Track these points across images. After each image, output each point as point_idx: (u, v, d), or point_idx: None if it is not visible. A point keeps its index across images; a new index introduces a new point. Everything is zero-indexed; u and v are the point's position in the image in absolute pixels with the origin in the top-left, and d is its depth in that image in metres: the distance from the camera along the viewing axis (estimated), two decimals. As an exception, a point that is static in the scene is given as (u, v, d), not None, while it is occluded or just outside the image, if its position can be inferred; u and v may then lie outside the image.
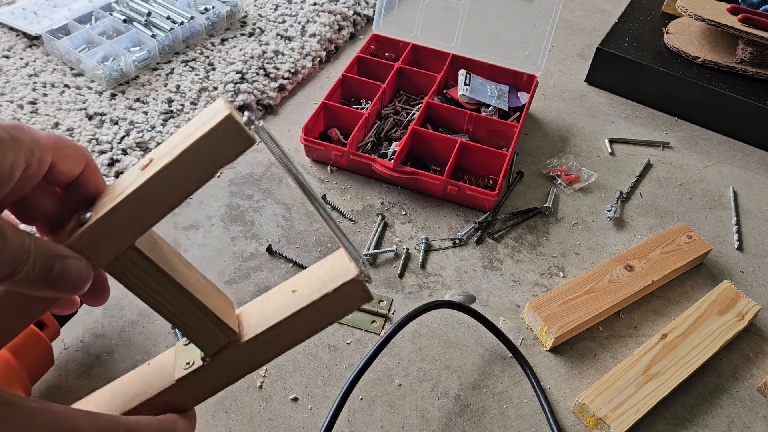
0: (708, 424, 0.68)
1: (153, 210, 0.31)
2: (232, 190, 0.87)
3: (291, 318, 0.36)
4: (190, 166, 0.30)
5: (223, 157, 0.30)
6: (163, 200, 0.31)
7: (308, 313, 0.36)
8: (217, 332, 0.35)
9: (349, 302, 0.36)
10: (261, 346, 0.37)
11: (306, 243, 0.81)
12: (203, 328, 0.35)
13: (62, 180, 0.32)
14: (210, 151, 0.30)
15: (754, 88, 1.04)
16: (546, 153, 0.99)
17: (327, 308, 0.36)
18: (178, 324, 0.35)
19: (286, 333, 0.36)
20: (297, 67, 1.08)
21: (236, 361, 0.37)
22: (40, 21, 1.09)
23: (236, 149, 0.30)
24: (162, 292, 0.33)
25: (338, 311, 0.36)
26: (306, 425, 0.64)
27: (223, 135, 0.29)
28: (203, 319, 0.35)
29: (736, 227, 0.90)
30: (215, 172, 0.31)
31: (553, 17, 0.98)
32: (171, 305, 0.34)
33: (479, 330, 0.73)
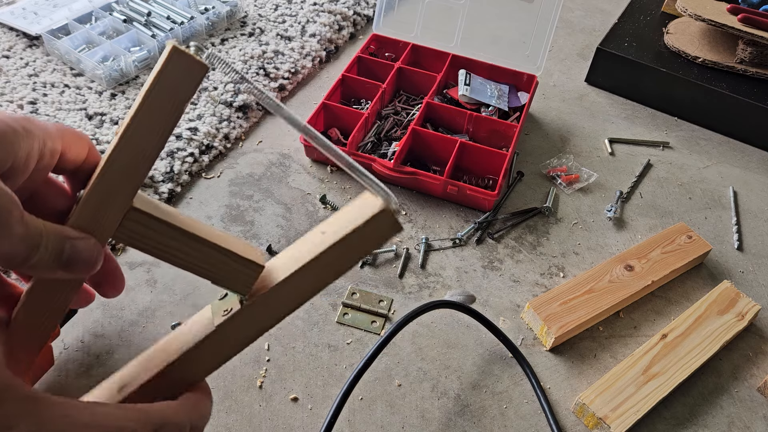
0: (708, 424, 0.68)
1: (136, 164, 0.32)
2: (232, 190, 0.87)
3: (326, 253, 0.35)
4: (158, 112, 0.31)
5: (184, 91, 0.31)
6: (142, 152, 0.31)
7: (341, 248, 0.36)
8: (242, 270, 0.35)
9: (379, 234, 0.36)
10: (297, 285, 0.36)
11: (306, 243, 0.81)
12: (228, 269, 0.35)
13: (69, 167, 0.33)
14: (170, 86, 0.31)
15: (754, 88, 1.04)
16: (546, 153, 0.99)
17: (359, 242, 0.36)
18: (204, 272, 0.34)
19: (322, 269, 0.36)
20: (297, 67, 1.08)
21: (274, 301, 0.36)
22: (40, 21, 1.09)
23: (192, 79, 0.32)
24: (176, 245, 0.33)
25: (370, 244, 0.36)
26: (306, 425, 0.64)
27: (178, 68, 0.31)
28: (224, 260, 0.34)
29: (736, 227, 0.90)
30: (181, 107, 0.32)
31: (553, 17, 0.98)
32: (189, 255, 0.34)
33: (479, 330, 0.73)
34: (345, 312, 0.74)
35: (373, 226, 0.35)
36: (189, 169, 0.88)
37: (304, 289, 0.36)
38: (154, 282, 0.75)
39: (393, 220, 0.35)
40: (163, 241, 0.33)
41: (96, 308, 0.71)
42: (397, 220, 0.36)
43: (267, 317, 0.36)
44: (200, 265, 0.34)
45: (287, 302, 0.36)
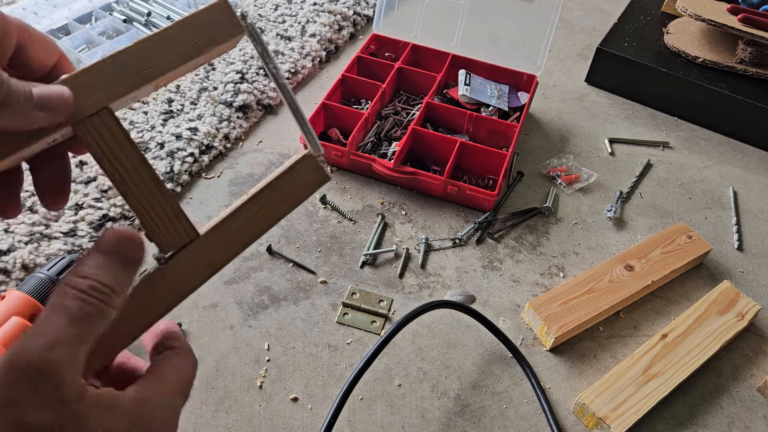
0: (708, 424, 0.68)
1: (136, 68, 0.32)
2: (232, 190, 0.87)
3: (250, 203, 0.34)
4: (180, 38, 0.33)
5: (212, 36, 0.33)
6: (149, 61, 0.32)
7: (265, 197, 0.35)
8: (178, 227, 0.33)
9: (304, 181, 0.35)
10: (221, 241, 0.34)
11: (306, 243, 0.81)
12: (164, 219, 0.33)
13: (35, 67, 0.32)
14: (199, 26, 0.33)
15: (754, 88, 1.04)
16: (546, 153, 0.99)
17: (283, 191, 0.35)
18: (140, 208, 0.32)
19: (248, 222, 0.34)
20: (297, 67, 1.08)
21: (197, 261, 0.33)
22: (40, 21, 1.09)
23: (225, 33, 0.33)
24: (128, 167, 0.32)
25: (295, 192, 0.35)
26: (306, 425, 0.64)
27: (213, 14, 0.33)
28: (166, 208, 0.33)
29: (736, 227, 0.90)
30: (203, 51, 0.33)
31: (553, 17, 0.98)
32: (135, 184, 0.32)
33: (479, 330, 0.73)
34: (345, 312, 0.74)
35: (297, 171, 0.35)
36: (189, 169, 0.88)
37: (230, 246, 0.34)
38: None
39: (316, 164, 0.35)
40: (119, 156, 0.32)
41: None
42: (321, 165, 0.35)
43: (188, 279, 0.33)
44: (140, 200, 0.32)
45: (212, 260, 0.34)
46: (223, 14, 0.34)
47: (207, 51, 0.34)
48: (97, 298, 0.27)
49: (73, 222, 0.78)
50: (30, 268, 0.72)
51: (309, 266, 0.78)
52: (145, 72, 0.32)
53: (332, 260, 0.79)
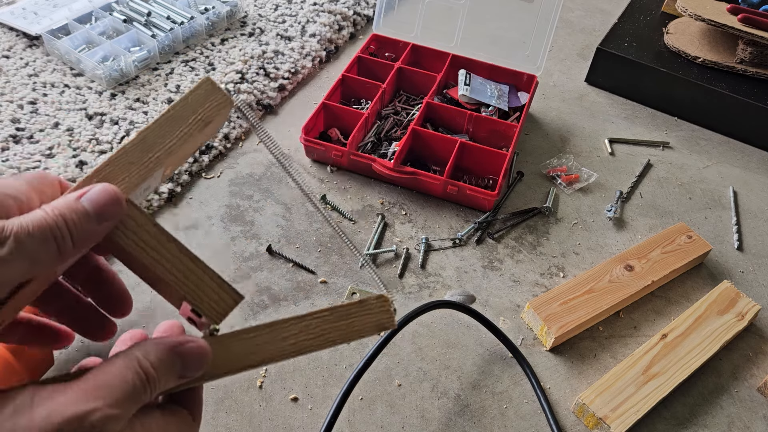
0: (708, 424, 0.68)
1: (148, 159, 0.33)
2: (232, 190, 0.87)
3: (316, 319, 0.36)
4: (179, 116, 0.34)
5: (207, 115, 0.35)
6: (153, 147, 0.33)
7: (326, 318, 0.36)
8: (222, 295, 0.34)
9: (373, 320, 0.37)
10: (271, 340, 0.35)
11: (306, 243, 0.81)
12: (207, 290, 0.34)
13: None
14: (192, 108, 0.35)
15: (754, 88, 1.04)
16: (546, 153, 0.99)
17: (352, 321, 0.36)
18: (184, 287, 0.34)
19: (304, 333, 0.35)
20: (297, 67, 1.08)
21: (246, 349, 0.35)
22: (40, 21, 1.09)
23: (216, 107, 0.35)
24: (161, 251, 0.33)
25: (360, 328, 0.36)
26: (306, 425, 0.64)
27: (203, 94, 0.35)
28: (206, 279, 0.34)
29: (736, 227, 0.90)
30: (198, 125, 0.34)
31: (553, 17, 0.98)
32: (173, 265, 0.33)
33: (479, 330, 0.73)
34: (345, 312, 0.74)
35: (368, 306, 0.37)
36: (189, 168, 0.88)
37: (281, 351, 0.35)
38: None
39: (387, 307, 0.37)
40: (150, 243, 0.33)
41: (96, 308, 0.71)
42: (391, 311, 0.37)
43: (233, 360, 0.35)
44: (180, 279, 0.34)
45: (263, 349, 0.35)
46: (210, 92, 0.35)
47: (204, 126, 0.35)
48: (151, 388, 0.29)
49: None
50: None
51: (309, 266, 0.78)
52: (153, 156, 0.33)
53: (332, 260, 0.79)
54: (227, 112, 0.36)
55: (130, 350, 0.30)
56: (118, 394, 0.28)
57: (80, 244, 0.28)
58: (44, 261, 0.27)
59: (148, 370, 0.29)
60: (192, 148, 0.36)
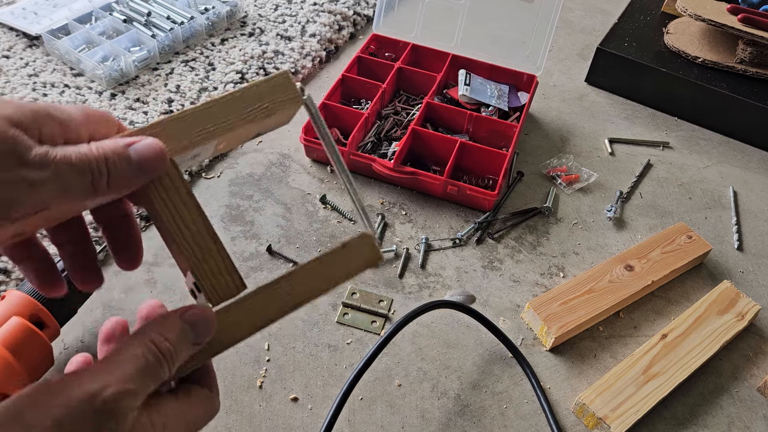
0: (708, 424, 0.68)
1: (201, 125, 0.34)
2: (232, 190, 0.87)
3: (301, 271, 0.36)
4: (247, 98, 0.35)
5: (273, 102, 0.36)
6: (213, 119, 0.34)
7: (315, 269, 0.36)
8: (228, 280, 0.34)
9: (360, 259, 0.37)
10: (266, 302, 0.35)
11: (306, 243, 0.81)
12: (216, 270, 0.34)
13: None
14: (261, 95, 0.35)
15: (754, 88, 1.04)
16: (546, 153, 0.99)
17: (338, 265, 0.37)
18: (194, 260, 0.34)
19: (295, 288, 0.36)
20: (297, 67, 1.08)
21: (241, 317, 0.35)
22: (40, 21, 1.09)
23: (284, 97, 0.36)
24: (186, 217, 0.33)
25: (348, 270, 0.37)
26: (306, 425, 0.64)
27: (277, 85, 0.36)
28: (219, 262, 0.34)
29: (736, 227, 0.90)
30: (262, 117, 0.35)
31: (553, 17, 0.98)
32: (194, 235, 0.34)
33: (479, 330, 0.73)
34: (345, 312, 0.74)
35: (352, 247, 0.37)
36: (189, 168, 0.88)
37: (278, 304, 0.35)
38: (154, 282, 0.75)
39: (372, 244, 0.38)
40: (178, 207, 0.33)
41: (96, 308, 0.71)
42: (376, 246, 0.38)
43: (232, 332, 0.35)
44: (196, 251, 0.34)
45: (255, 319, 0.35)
46: (285, 84, 0.36)
47: (267, 116, 0.36)
48: (168, 363, 0.29)
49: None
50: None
51: (309, 266, 0.78)
52: (209, 127, 0.34)
53: (332, 260, 0.79)
54: (293, 110, 0.37)
55: (138, 329, 0.30)
56: (130, 369, 0.28)
57: (115, 188, 0.29)
58: (77, 193, 0.28)
59: (161, 343, 0.29)
60: (250, 132, 0.37)
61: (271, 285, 0.35)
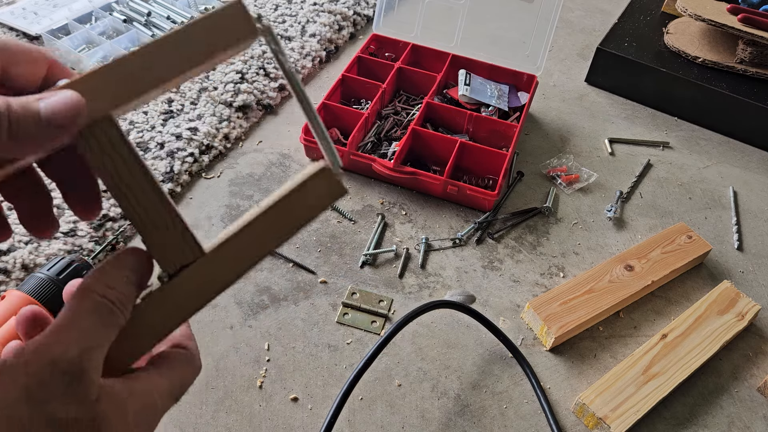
0: (708, 424, 0.68)
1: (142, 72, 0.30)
2: (232, 190, 0.87)
3: (258, 220, 0.33)
4: (191, 41, 0.31)
5: (225, 39, 0.31)
6: (157, 65, 0.30)
7: (274, 215, 0.33)
8: (183, 245, 0.31)
9: (320, 195, 0.33)
10: (227, 259, 0.32)
11: (306, 243, 0.81)
12: (168, 237, 0.31)
13: (23, 84, 0.30)
14: (212, 28, 0.31)
15: (754, 88, 1.04)
16: (546, 153, 0.99)
17: (298, 204, 0.33)
18: (142, 226, 0.31)
19: (256, 240, 0.33)
20: (297, 67, 1.08)
21: (201, 280, 0.32)
22: (40, 21, 1.09)
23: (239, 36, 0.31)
24: (131, 181, 0.30)
25: (310, 207, 0.33)
26: (306, 425, 0.64)
27: (228, 18, 0.31)
28: (170, 226, 0.31)
29: (736, 227, 0.90)
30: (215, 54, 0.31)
31: (553, 17, 0.98)
32: (138, 200, 0.31)
33: (479, 330, 0.73)
34: (345, 312, 0.74)
35: (313, 185, 0.33)
36: (189, 169, 0.88)
37: (240, 260, 0.32)
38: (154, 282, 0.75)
39: (334, 178, 0.33)
40: (121, 169, 0.30)
41: (96, 308, 0.71)
42: (339, 180, 0.33)
43: (191, 298, 0.32)
44: (143, 216, 0.31)
45: (219, 277, 0.32)
46: (237, 16, 0.31)
47: (219, 55, 0.32)
48: (120, 310, 0.28)
49: (73, 222, 0.78)
50: (30, 268, 0.72)
51: (309, 266, 0.78)
52: (152, 77, 0.30)
53: (332, 260, 0.79)
54: (249, 43, 0.32)
55: (80, 286, 0.29)
56: (86, 325, 0.27)
57: (21, 142, 0.26)
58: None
59: (108, 293, 0.28)
60: (197, 71, 0.33)
61: (233, 239, 0.32)
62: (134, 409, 0.28)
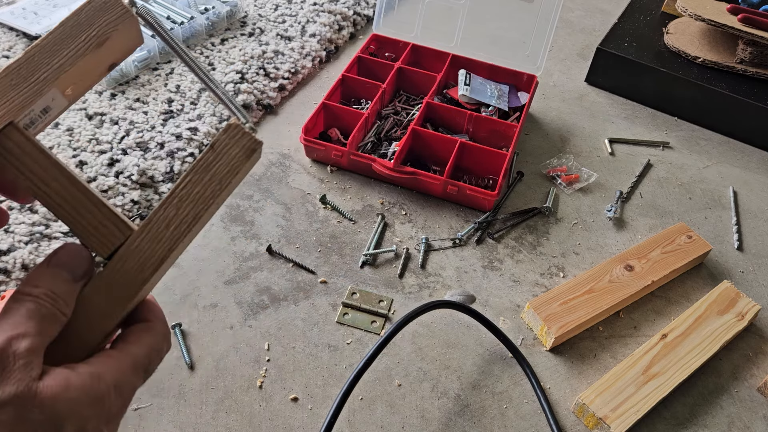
0: (708, 424, 0.68)
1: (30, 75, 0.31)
2: (232, 190, 0.87)
3: (177, 191, 0.33)
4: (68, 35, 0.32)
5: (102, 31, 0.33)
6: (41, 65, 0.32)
7: (192, 183, 0.33)
8: (110, 228, 0.32)
9: (233, 154, 0.33)
10: (157, 234, 0.32)
11: (306, 243, 0.81)
12: (94, 223, 0.32)
13: None
14: (85, 20, 0.33)
15: (754, 88, 1.04)
16: (546, 153, 0.99)
17: (212, 170, 0.33)
18: (68, 218, 0.32)
19: (181, 211, 0.33)
20: (297, 67, 1.08)
21: (137, 258, 0.32)
22: (40, 21, 1.09)
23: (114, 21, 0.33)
24: (46, 179, 0.31)
25: (228, 167, 0.33)
26: (306, 425, 0.64)
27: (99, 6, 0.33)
28: (94, 212, 0.32)
29: (736, 227, 0.90)
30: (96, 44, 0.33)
31: (553, 17, 0.98)
32: (58, 193, 0.32)
33: (479, 330, 0.73)
34: (345, 312, 0.74)
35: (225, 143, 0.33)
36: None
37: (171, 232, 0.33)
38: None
39: (243, 132, 0.34)
40: (35, 170, 0.31)
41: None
42: (249, 133, 0.34)
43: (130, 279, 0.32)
44: (66, 209, 0.32)
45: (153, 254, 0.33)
46: (106, 3, 0.33)
47: (101, 43, 0.33)
48: (49, 303, 0.30)
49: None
50: (30, 268, 0.72)
51: (309, 266, 0.78)
52: (39, 77, 0.31)
53: (332, 260, 0.79)
54: (130, 27, 0.34)
55: (15, 291, 0.31)
56: (17, 319, 0.28)
57: None
58: None
59: (35, 292, 0.30)
60: (93, 67, 0.34)
61: (152, 218, 0.33)
62: (81, 385, 0.29)
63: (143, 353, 0.32)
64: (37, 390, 0.27)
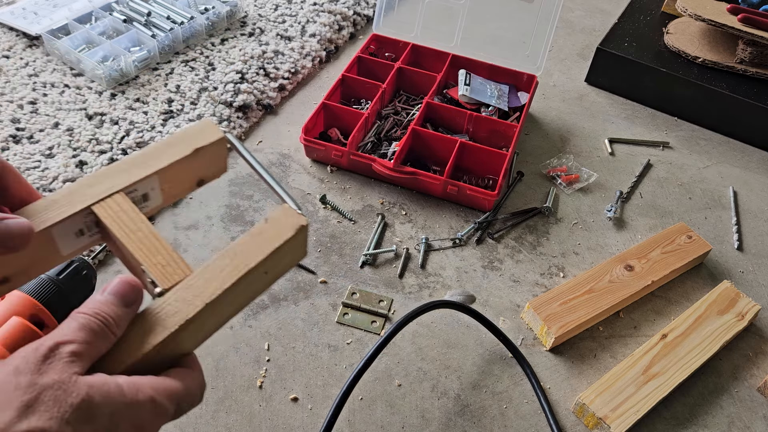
0: (708, 424, 0.68)
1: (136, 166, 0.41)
2: (232, 190, 0.87)
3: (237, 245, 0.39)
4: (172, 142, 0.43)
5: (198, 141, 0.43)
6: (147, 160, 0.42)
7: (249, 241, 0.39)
8: (175, 268, 0.38)
9: (284, 222, 0.40)
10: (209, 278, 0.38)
11: (306, 243, 0.81)
12: (164, 262, 0.38)
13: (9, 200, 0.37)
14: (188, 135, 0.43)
15: (754, 88, 1.04)
16: (546, 153, 0.99)
17: (265, 235, 0.40)
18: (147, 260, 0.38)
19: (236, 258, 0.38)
20: (297, 67, 1.08)
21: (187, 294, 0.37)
22: (40, 21, 1.09)
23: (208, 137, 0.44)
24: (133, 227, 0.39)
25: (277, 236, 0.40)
26: (306, 425, 0.64)
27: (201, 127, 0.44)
28: (165, 255, 0.38)
29: (736, 227, 0.90)
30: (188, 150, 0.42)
31: (553, 17, 0.98)
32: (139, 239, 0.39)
33: (479, 330, 0.73)
34: (345, 312, 0.74)
35: (298, 240, 0.40)
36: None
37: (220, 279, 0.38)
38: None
39: (305, 239, 0.41)
40: (129, 225, 0.39)
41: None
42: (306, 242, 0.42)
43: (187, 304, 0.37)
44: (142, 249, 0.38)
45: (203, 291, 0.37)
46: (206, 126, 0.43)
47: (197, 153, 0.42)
48: (100, 320, 0.33)
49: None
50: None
51: (309, 266, 0.78)
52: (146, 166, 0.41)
53: (332, 260, 0.79)
54: (219, 149, 0.43)
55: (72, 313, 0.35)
56: (68, 330, 0.32)
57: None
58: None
59: (90, 311, 0.34)
60: (185, 174, 0.43)
61: (214, 261, 0.38)
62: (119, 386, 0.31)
63: (181, 388, 0.35)
64: (77, 379, 0.30)
